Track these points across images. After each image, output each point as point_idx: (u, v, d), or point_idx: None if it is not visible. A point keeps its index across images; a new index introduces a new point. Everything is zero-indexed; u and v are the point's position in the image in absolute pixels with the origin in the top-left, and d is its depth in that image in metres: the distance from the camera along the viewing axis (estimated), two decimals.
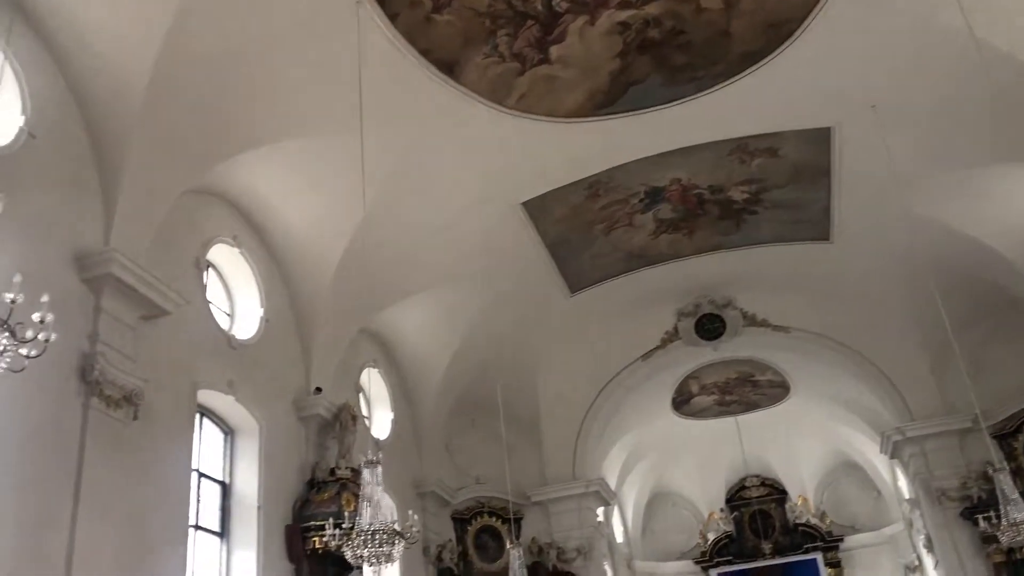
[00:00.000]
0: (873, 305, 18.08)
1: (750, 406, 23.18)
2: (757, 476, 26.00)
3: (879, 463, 23.41)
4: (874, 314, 18.28)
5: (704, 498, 26.54)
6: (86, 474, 9.32)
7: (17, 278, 5.37)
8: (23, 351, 5.38)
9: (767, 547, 24.63)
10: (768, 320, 19.58)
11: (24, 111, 9.60)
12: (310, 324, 14.83)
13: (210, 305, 12.98)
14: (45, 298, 5.51)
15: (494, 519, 19.83)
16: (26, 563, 8.46)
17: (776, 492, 26.00)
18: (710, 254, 17.72)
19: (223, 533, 12.60)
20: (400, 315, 17.02)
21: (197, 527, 11.94)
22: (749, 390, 22.63)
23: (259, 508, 12.80)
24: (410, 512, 11.39)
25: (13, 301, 5.26)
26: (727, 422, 23.31)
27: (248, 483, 12.99)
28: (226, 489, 12.93)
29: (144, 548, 10.15)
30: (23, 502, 8.61)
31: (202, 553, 12.03)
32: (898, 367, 18.75)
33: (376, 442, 16.18)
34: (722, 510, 26.15)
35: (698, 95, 12.99)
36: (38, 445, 8.95)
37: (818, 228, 16.82)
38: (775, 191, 15.83)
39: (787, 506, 25.61)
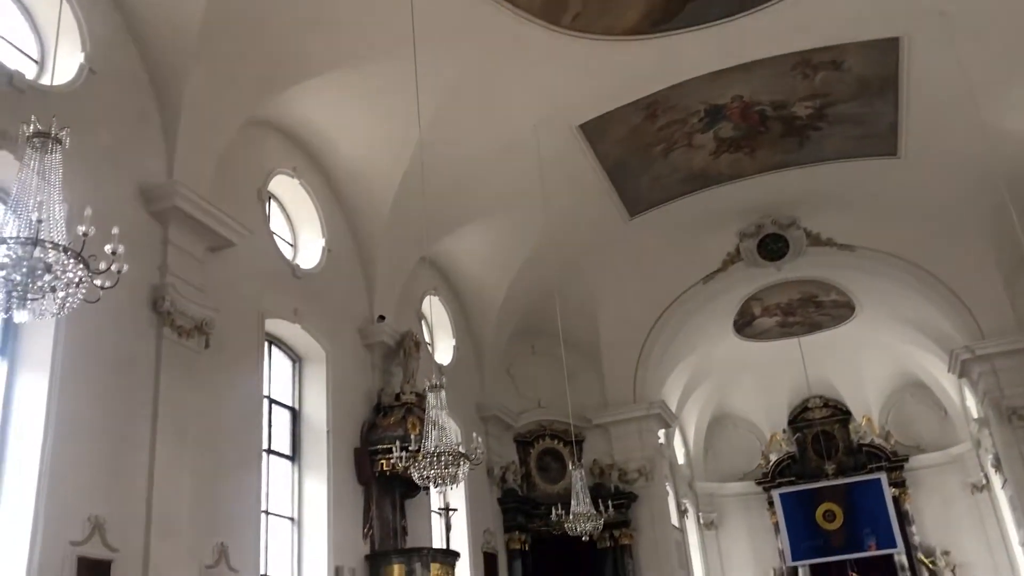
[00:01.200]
0: (942, 221, 17.54)
1: (813, 327, 22.89)
2: (820, 397, 25.82)
3: (946, 382, 23.03)
4: (943, 230, 17.75)
5: (766, 420, 26.50)
6: (162, 400, 9.72)
7: (88, 211, 5.51)
8: (97, 282, 5.55)
9: (830, 468, 24.58)
10: (833, 239, 19.17)
11: (84, 47, 9.74)
12: (371, 253, 15.01)
13: (273, 236, 13.20)
14: (115, 230, 5.65)
15: (556, 442, 20.13)
16: (112, 483, 8.90)
17: (839, 413, 25.82)
18: (773, 173, 17.33)
19: (294, 456, 13.05)
20: (459, 243, 17.10)
21: (269, 451, 12.38)
22: (813, 311, 22.32)
23: (328, 432, 13.19)
24: (474, 434, 11.61)
25: (85, 234, 5.40)
26: (790, 343, 23.07)
27: (317, 408, 13.37)
28: (296, 414, 13.33)
29: (220, 469, 10.58)
30: (107, 427, 9.02)
31: (275, 475, 12.50)
32: (969, 284, 18.26)
33: (439, 368, 16.47)
34: (784, 431, 26.09)
35: (759, 8, 12.55)
36: (117, 373, 9.33)
37: (885, 143, 16.28)
38: (840, 106, 15.33)
39: (851, 427, 25.44)
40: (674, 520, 22.28)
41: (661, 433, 21.25)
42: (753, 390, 26.01)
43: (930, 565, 23.63)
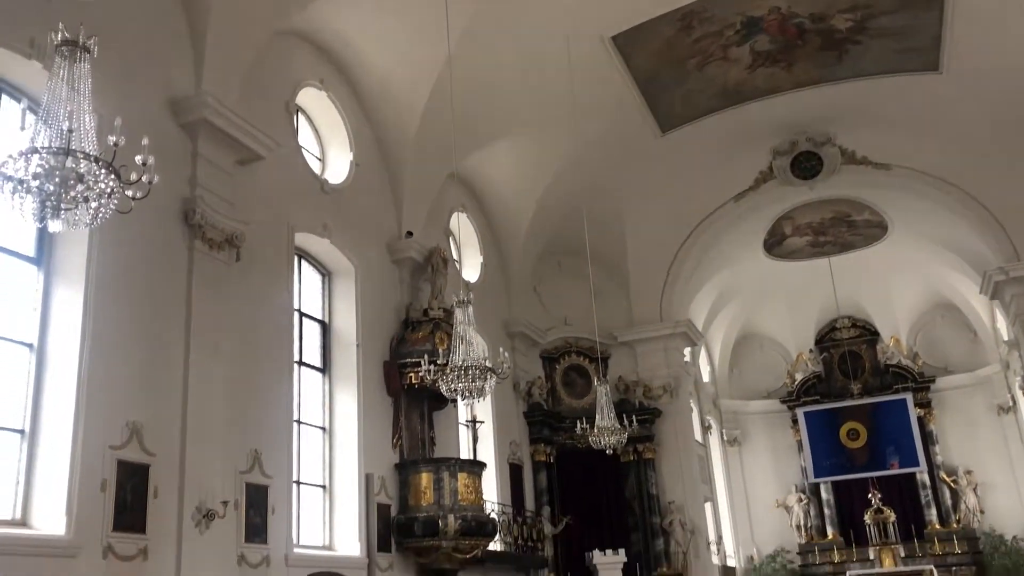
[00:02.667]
0: (983, 140, 17.07)
1: (844, 247, 22.66)
2: (848, 317, 25.74)
3: (978, 304, 22.82)
4: (983, 149, 17.29)
5: (793, 339, 26.51)
6: (195, 311, 9.89)
7: (118, 121, 5.50)
8: (129, 193, 5.58)
9: (855, 387, 24.66)
10: (868, 157, 18.79)
11: None
12: (399, 168, 14.95)
13: (302, 150, 13.17)
14: (145, 141, 5.65)
15: (581, 358, 20.31)
16: (148, 391, 9.15)
17: (867, 333, 25.77)
18: (809, 88, 16.90)
19: (325, 368, 13.29)
20: (487, 158, 16.97)
21: (301, 363, 12.61)
22: (844, 230, 22.07)
23: (358, 346, 13.39)
24: (501, 349, 11.74)
25: (116, 144, 5.40)
26: (820, 263, 22.89)
27: (346, 322, 13.55)
28: (326, 328, 13.52)
29: (253, 380, 10.81)
30: (142, 336, 9.22)
31: (306, 386, 12.76)
32: (1006, 205, 17.90)
33: (466, 284, 16.55)
34: (811, 351, 26.13)
35: None
36: (150, 285, 9.48)
37: (927, 58, 15.77)
38: (881, 18, 14.82)
39: (878, 347, 25.42)
40: (697, 436, 22.57)
41: (687, 351, 21.35)
42: (781, 310, 25.95)
43: (952, 484, 23.86)
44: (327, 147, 14.14)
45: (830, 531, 24.54)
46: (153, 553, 8.75)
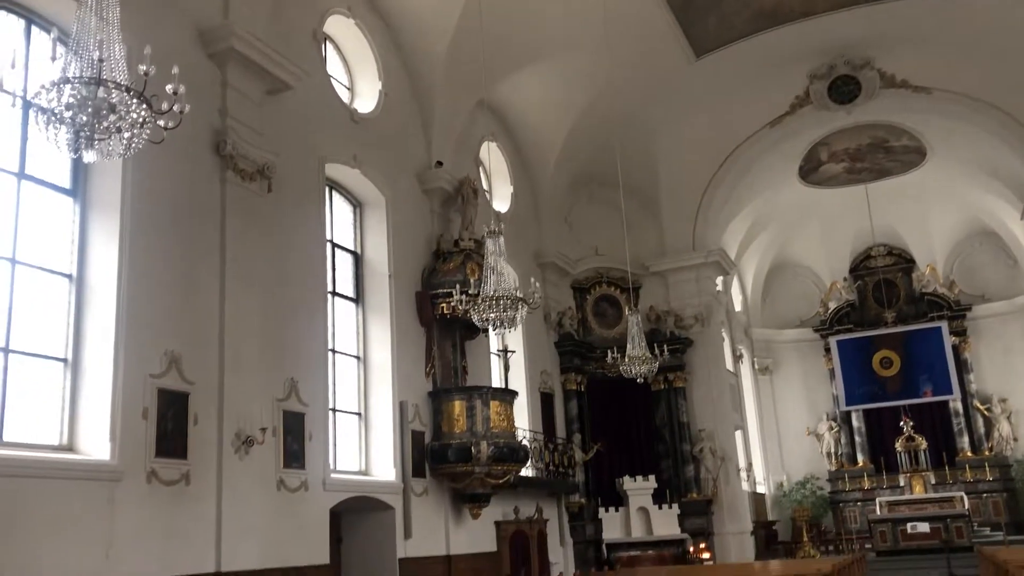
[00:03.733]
0: None
1: (881, 173, 22.24)
2: (884, 245, 25.40)
3: (1018, 230, 22.39)
4: None
5: (827, 268, 26.26)
6: (229, 241, 9.98)
7: (147, 50, 5.47)
8: (160, 123, 5.57)
9: (889, 316, 24.47)
10: (908, 81, 18.27)
11: None
12: (428, 97, 14.80)
13: (331, 79, 13.06)
14: (175, 70, 5.62)
15: (612, 288, 20.29)
16: (185, 320, 9.30)
17: (903, 261, 25.45)
18: (848, 10, 16.36)
19: (358, 299, 13.41)
20: (517, 86, 16.72)
21: (334, 292, 12.73)
22: (882, 156, 21.62)
23: (390, 276, 13.47)
24: (532, 279, 11.75)
25: (146, 73, 5.38)
26: (856, 190, 22.52)
27: (378, 253, 13.61)
28: (358, 259, 13.60)
29: (287, 309, 10.95)
30: (177, 267, 9.35)
31: (340, 316, 12.91)
32: None
33: (497, 214, 16.49)
34: (845, 279, 25.90)
35: None
36: (184, 215, 9.56)
37: None
38: None
39: (914, 275, 25.12)
40: (729, 365, 22.60)
41: (719, 280, 21.24)
42: (815, 238, 25.66)
43: (985, 412, 23.79)
44: (356, 76, 14.01)
45: (860, 459, 24.66)
46: (195, 478, 9.00)
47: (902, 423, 23.11)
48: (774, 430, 26.10)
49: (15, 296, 8.04)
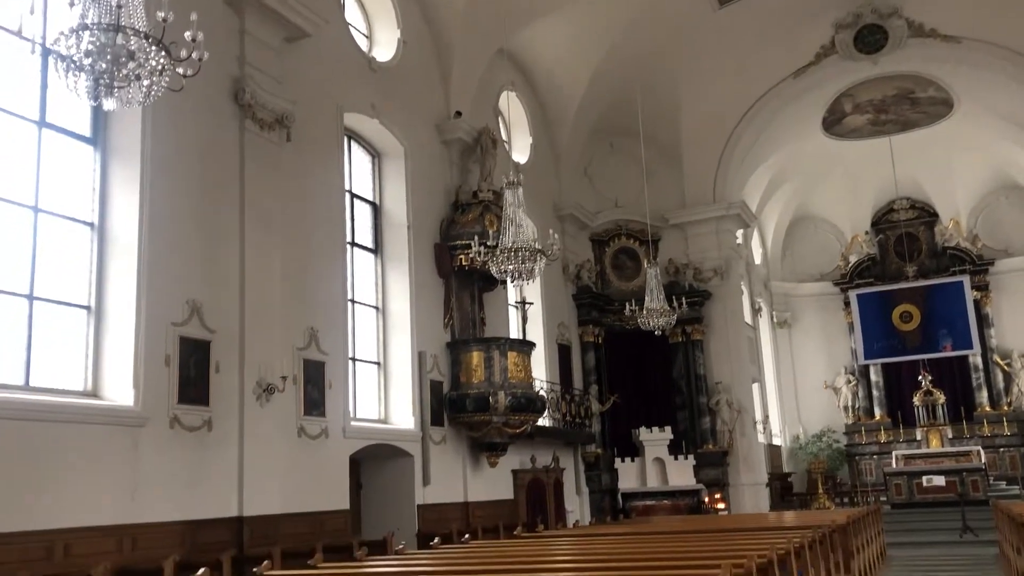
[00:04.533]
0: None
1: (906, 125, 21.89)
2: (907, 198, 25.09)
3: None
4: None
5: (848, 221, 26.01)
6: (248, 192, 10.01)
7: None
8: (179, 70, 5.56)
9: (911, 270, 24.25)
10: (937, 30, 17.87)
11: None
12: (447, 45, 14.65)
13: (349, 27, 12.94)
14: (194, 17, 5.59)
15: (631, 241, 20.22)
16: (206, 270, 9.37)
17: (926, 215, 25.16)
18: None
19: (376, 249, 13.45)
20: (538, 35, 16.50)
21: (353, 243, 12.76)
22: (907, 108, 21.26)
23: (408, 227, 13.48)
24: (551, 231, 11.73)
25: (164, 20, 5.35)
26: (880, 142, 22.20)
27: (397, 204, 13.61)
28: (377, 209, 13.60)
29: (307, 260, 11.00)
30: (197, 216, 9.39)
31: (359, 267, 12.96)
32: None
33: (516, 165, 16.41)
34: (866, 233, 25.66)
35: None
36: (204, 165, 9.58)
37: None
38: None
39: (936, 229, 24.85)
40: (747, 318, 22.56)
41: (739, 233, 21.12)
42: (837, 191, 25.37)
43: (1005, 367, 23.69)
44: (374, 24, 13.88)
45: (878, 412, 24.68)
46: (217, 424, 9.15)
47: (920, 377, 23.06)
48: (791, 383, 26.14)
49: (38, 244, 8.12)
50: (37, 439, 7.32)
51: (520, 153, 17.75)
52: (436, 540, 9.74)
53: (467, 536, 10.89)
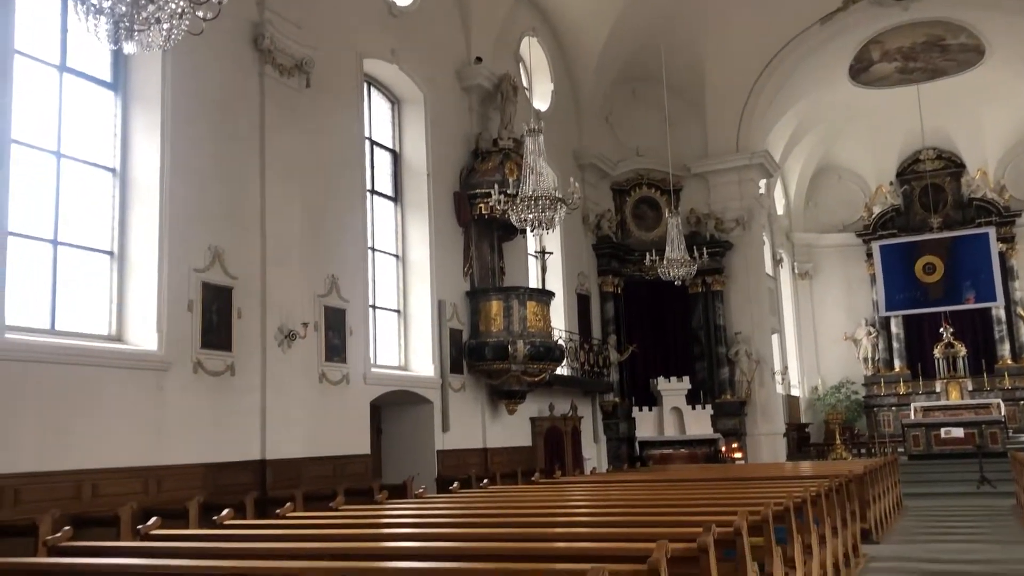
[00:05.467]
0: None
1: (935, 73, 21.44)
2: (934, 149, 24.69)
3: None
4: None
5: (873, 171, 25.67)
6: (268, 138, 10.00)
7: None
8: (199, 14, 5.51)
9: (935, 221, 23.96)
10: None
11: None
12: None
13: None
14: None
15: (653, 190, 20.07)
16: (227, 217, 9.41)
17: (953, 166, 24.78)
18: None
19: (396, 198, 13.43)
20: None
21: (373, 191, 12.75)
22: (937, 55, 20.80)
23: (428, 175, 13.45)
24: (571, 179, 11.66)
25: None
26: (908, 91, 21.77)
27: (416, 151, 13.55)
28: (396, 157, 13.56)
29: (327, 207, 11.02)
30: (218, 162, 9.41)
31: (379, 215, 12.96)
32: None
33: (536, 113, 16.25)
34: (891, 183, 25.33)
35: None
36: (224, 111, 9.57)
37: None
38: None
39: (963, 180, 24.47)
40: (768, 269, 22.45)
41: (762, 183, 20.91)
42: (863, 140, 25.00)
43: None
44: None
45: (897, 364, 24.62)
46: (240, 369, 9.27)
47: (942, 329, 22.92)
48: (811, 334, 26.08)
49: (61, 190, 8.17)
50: (64, 382, 7.45)
51: (541, 100, 17.57)
52: (455, 485, 9.89)
53: (486, 481, 11.06)
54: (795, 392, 25.04)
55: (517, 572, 3.86)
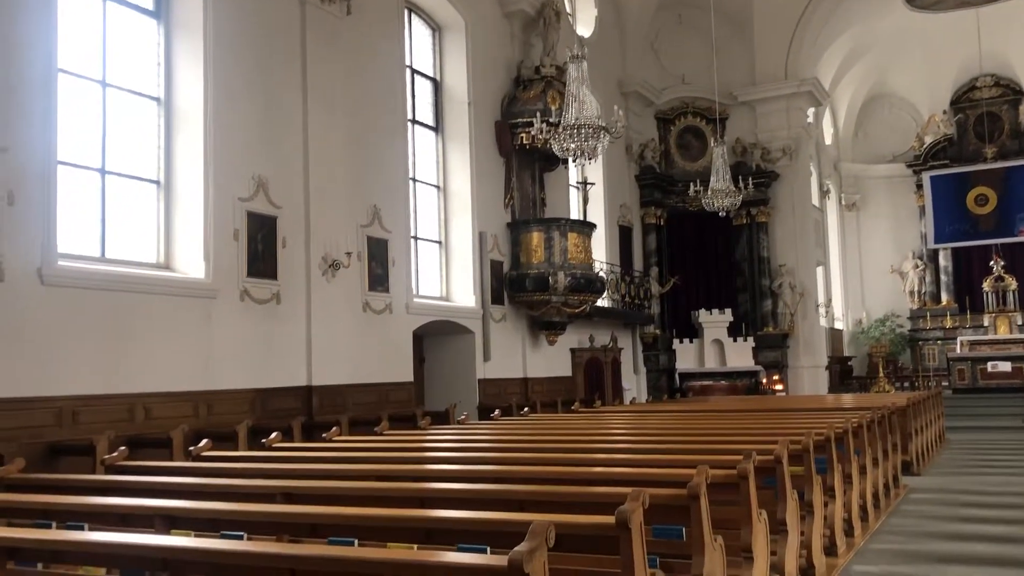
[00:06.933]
0: None
1: None
2: (992, 75, 23.78)
3: None
4: None
5: (926, 99, 24.84)
6: (310, 66, 9.98)
7: None
8: None
9: (990, 151, 23.24)
10: None
11: None
12: None
13: None
14: None
15: (698, 119, 19.70)
16: (270, 146, 9.46)
17: (1011, 93, 23.86)
18: None
19: (437, 127, 13.36)
20: None
21: (414, 121, 12.69)
22: None
23: (469, 104, 13.33)
24: (615, 107, 11.46)
25: None
26: (966, 15, 20.90)
27: (458, 80, 13.41)
28: (437, 86, 13.44)
29: (368, 137, 11.00)
30: (260, 91, 9.41)
31: (420, 145, 12.92)
32: None
33: (580, 39, 15.93)
34: (944, 112, 24.52)
35: None
36: (266, 40, 9.53)
37: None
38: None
39: (1021, 108, 23.60)
40: (815, 200, 22.06)
41: (810, 112, 20.39)
42: (916, 68, 24.15)
43: None
44: None
45: (944, 297, 24.21)
46: (285, 298, 9.42)
47: (992, 262, 22.41)
48: (856, 267, 25.70)
49: (108, 119, 8.25)
50: (116, 309, 7.63)
51: (584, 26, 17.21)
52: (496, 412, 10.04)
53: (526, 409, 11.20)
54: (838, 325, 24.81)
55: (557, 494, 3.94)
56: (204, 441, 6.13)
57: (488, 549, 2.90)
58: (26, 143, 6.99)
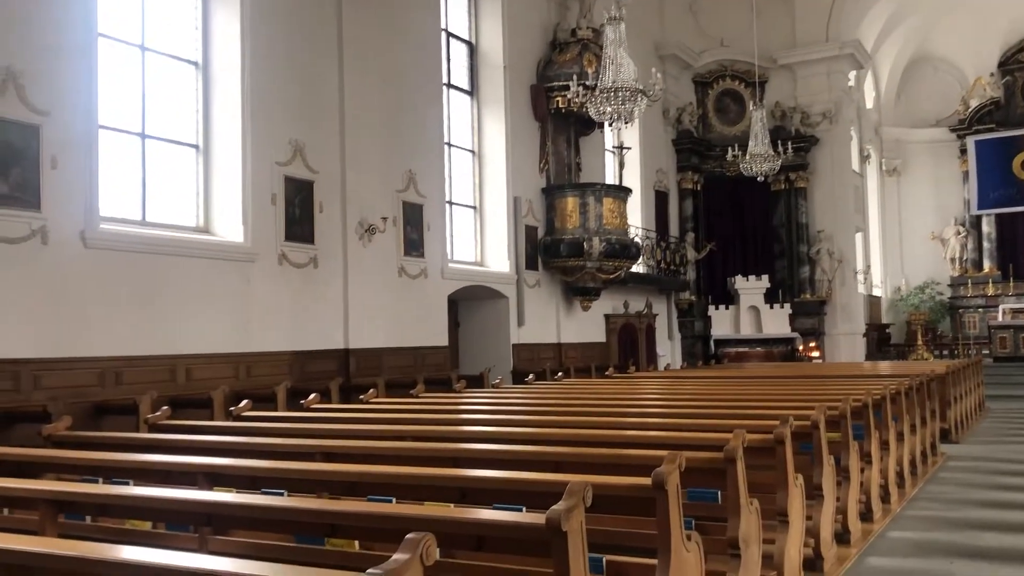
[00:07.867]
0: None
1: None
2: None
3: None
4: None
5: (972, 62, 24.18)
6: (346, 29, 9.98)
7: None
8: None
9: None
10: None
11: None
12: None
13: None
14: None
15: (737, 82, 19.39)
16: (307, 111, 9.49)
17: None
18: None
19: (472, 91, 13.29)
20: None
21: (449, 85, 12.64)
22: None
23: (504, 68, 13.24)
24: (653, 70, 11.32)
25: None
26: None
27: (493, 43, 13.32)
28: (472, 49, 13.36)
29: (404, 102, 10.98)
30: (297, 57, 9.44)
31: (455, 109, 12.88)
32: None
33: (617, 1, 15.71)
34: (992, 75, 23.86)
35: None
36: (302, 8, 9.55)
37: None
38: None
39: None
40: (855, 165, 21.70)
41: (851, 75, 20.00)
42: (962, 29, 23.48)
43: None
44: None
45: (987, 265, 23.75)
46: (322, 262, 9.51)
47: None
48: (896, 234, 25.27)
49: (147, 83, 8.32)
50: (156, 271, 7.76)
51: None
52: (531, 377, 10.09)
53: (560, 374, 11.23)
54: (877, 292, 24.48)
55: (592, 456, 3.96)
56: (244, 402, 6.24)
57: (524, 509, 2.93)
58: (68, 108, 7.08)
